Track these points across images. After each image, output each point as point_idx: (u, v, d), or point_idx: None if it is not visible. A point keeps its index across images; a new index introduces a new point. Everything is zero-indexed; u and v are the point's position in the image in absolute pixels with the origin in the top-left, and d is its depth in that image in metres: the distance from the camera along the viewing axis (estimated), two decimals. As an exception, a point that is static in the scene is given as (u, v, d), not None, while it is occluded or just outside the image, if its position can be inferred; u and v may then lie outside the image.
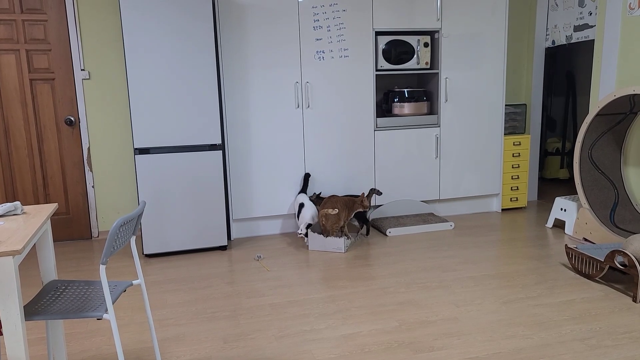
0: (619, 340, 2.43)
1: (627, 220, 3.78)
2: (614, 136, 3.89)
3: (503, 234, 4.15)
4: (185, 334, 2.63)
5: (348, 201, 3.88)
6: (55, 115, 4.15)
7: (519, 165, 4.82)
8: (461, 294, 3.01)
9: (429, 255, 3.69)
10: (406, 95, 4.43)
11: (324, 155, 4.28)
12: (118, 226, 1.78)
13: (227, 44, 3.93)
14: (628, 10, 3.77)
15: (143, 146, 3.66)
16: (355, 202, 3.91)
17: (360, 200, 3.90)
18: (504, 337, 2.49)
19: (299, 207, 4.04)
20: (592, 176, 3.88)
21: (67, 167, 4.24)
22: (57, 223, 4.30)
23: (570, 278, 3.20)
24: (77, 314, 1.81)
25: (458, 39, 4.42)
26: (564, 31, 4.67)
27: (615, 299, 2.88)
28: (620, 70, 3.89)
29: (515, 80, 5.11)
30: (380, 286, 3.16)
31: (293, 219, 4.35)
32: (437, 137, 4.52)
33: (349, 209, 3.87)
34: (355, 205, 3.91)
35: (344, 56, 4.19)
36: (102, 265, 1.76)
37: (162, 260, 3.78)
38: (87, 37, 4.12)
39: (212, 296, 3.09)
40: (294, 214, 4.29)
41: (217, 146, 3.81)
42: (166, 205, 3.76)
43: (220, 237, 3.91)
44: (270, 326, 2.68)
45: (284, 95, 4.11)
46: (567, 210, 4.12)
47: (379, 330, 2.59)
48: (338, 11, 4.11)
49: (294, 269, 3.50)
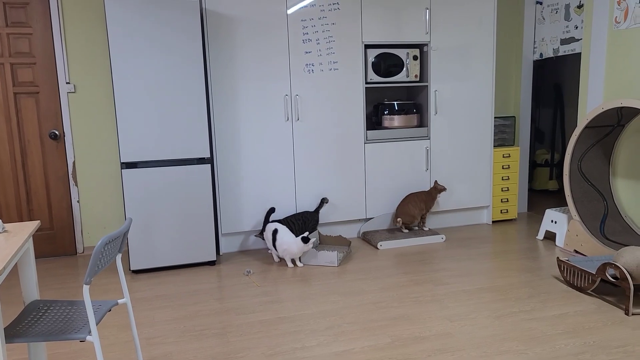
0: (612, 355, 2.40)
1: (617, 232, 3.78)
2: (603, 148, 3.90)
3: (494, 247, 4.14)
4: (172, 352, 2.56)
5: (425, 196, 4.38)
6: (39, 129, 4.08)
7: (509, 177, 4.82)
8: (454, 308, 2.98)
9: (421, 269, 3.66)
10: (396, 107, 4.42)
11: (314, 168, 4.25)
12: (102, 245, 1.72)
13: (216, 56, 3.89)
14: (614, 24, 3.81)
15: (130, 160, 3.60)
16: (431, 193, 4.38)
17: (435, 188, 4.37)
18: (498, 353, 2.45)
19: (272, 233, 3.84)
20: (581, 188, 3.89)
21: (51, 182, 4.15)
22: (41, 239, 4.20)
23: (563, 291, 3.18)
24: (59, 336, 1.75)
25: (447, 52, 4.43)
26: (551, 44, 4.71)
27: (607, 312, 2.86)
28: (607, 82, 3.92)
29: (504, 93, 5.13)
30: (372, 300, 3.12)
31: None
32: (427, 150, 4.51)
33: (426, 203, 4.36)
34: (431, 197, 4.38)
35: (334, 69, 4.18)
36: (86, 286, 1.70)
37: (149, 276, 3.70)
38: (72, 50, 4.06)
39: (200, 313, 3.03)
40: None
41: (205, 160, 3.76)
42: (154, 219, 3.69)
43: (209, 252, 3.84)
44: (260, 344, 2.62)
45: (273, 108, 4.08)
46: (558, 222, 4.11)
47: (371, 347, 2.54)
48: (327, 24, 4.10)
49: (284, 284, 3.44)
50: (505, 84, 5.12)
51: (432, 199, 4.40)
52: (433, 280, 3.44)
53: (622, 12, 3.74)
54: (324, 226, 4.41)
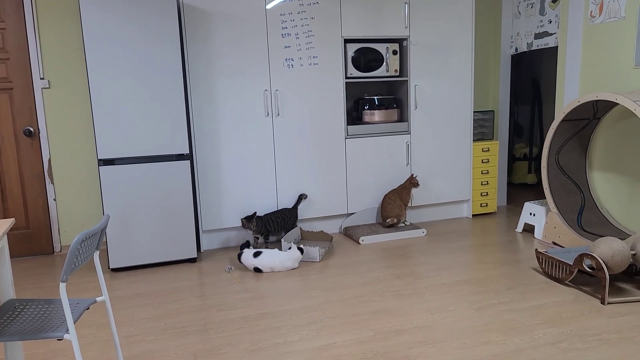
0: (589, 343, 2.45)
1: (594, 224, 3.85)
2: (579, 141, 3.97)
3: (474, 240, 4.18)
4: (153, 350, 2.53)
5: (400, 190, 4.39)
6: (13, 126, 3.99)
7: (488, 171, 4.87)
8: (435, 301, 3.00)
9: (402, 263, 3.68)
10: (376, 102, 4.43)
11: (295, 163, 4.24)
12: (79, 242, 1.69)
13: (194, 51, 3.85)
14: (589, 18, 3.87)
15: (107, 157, 3.55)
16: (405, 186, 4.39)
17: (409, 182, 4.38)
18: (478, 344, 2.48)
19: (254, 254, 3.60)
20: (559, 181, 3.95)
21: (26, 180, 4.07)
22: (17, 238, 4.12)
23: (541, 282, 3.23)
24: (36, 334, 1.72)
25: (426, 46, 4.45)
26: (525, 38, 4.76)
27: (584, 302, 2.91)
28: (583, 76, 3.98)
29: (483, 87, 5.18)
30: (353, 295, 3.12)
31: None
32: (407, 144, 4.53)
33: (401, 197, 4.37)
34: (405, 190, 4.39)
35: (313, 64, 4.16)
36: (62, 283, 1.67)
37: (128, 274, 3.66)
38: (46, 45, 3.98)
39: (181, 310, 3.00)
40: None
41: (184, 156, 3.72)
42: (133, 217, 3.65)
43: (190, 249, 3.81)
44: (242, 340, 2.61)
45: (253, 104, 4.05)
46: (536, 215, 4.17)
47: (353, 341, 2.55)
48: (306, 19, 4.09)
49: (265, 280, 3.43)
50: (484, 79, 5.17)
51: (407, 192, 4.41)
52: (414, 273, 3.46)
53: (597, 6, 3.80)
54: (306, 222, 4.41)
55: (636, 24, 3.52)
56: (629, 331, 2.55)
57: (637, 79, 3.56)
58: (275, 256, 3.59)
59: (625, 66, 3.64)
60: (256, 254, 3.58)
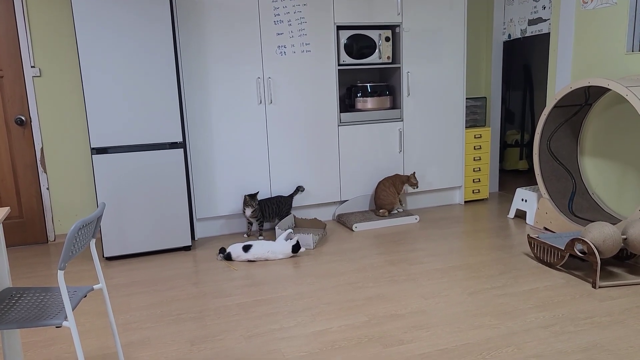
0: (581, 326, 2.49)
1: (584, 209, 3.89)
2: (571, 127, 4.00)
3: (467, 226, 4.22)
4: (150, 337, 2.55)
5: (394, 179, 4.44)
6: (4, 114, 3.95)
7: (481, 158, 4.90)
8: (428, 286, 3.04)
9: (395, 249, 3.71)
10: (369, 89, 4.43)
11: (288, 151, 4.24)
12: (76, 229, 1.69)
13: (186, 39, 3.83)
14: (582, 4, 3.88)
15: (100, 145, 3.53)
16: (401, 178, 4.44)
17: (407, 177, 4.45)
18: (471, 328, 2.51)
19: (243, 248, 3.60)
20: (550, 167, 3.98)
21: (19, 169, 4.05)
22: (10, 227, 4.10)
23: (533, 267, 3.28)
24: (34, 322, 1.72)
25: (419, 33, 4.45)
26: (519, 25, 4.77)
27: (576, 286, 2.96)
28: (575, 62, 4.00)
29: (475, 74, 5.19)
30: (348, 281, 3.15)
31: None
32: (400, 131, 4.54)
33: (394, 185, 4.41)
34: (399, 180, 4.44)
35: (306, 51, 4.15)
36: (60, 271, 1.68)
37: (123, 262, 3.66)
38: (37, 32, 3.94)
39: (177, 298, 3.01)
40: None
41: (178, 144, 3.71)
42: (127, 206, 3.64)
43: (184, 237, 3.82)
44: (238, 326, 2.63)
45: (246, 92, 4.04)
46: (528, 201, 4.21)
47: (348, 326, 2.58)
48: (299, 5, 4.06)
49: (260, 267, 3.45)
50: (476, 65, 5.18)
51: (401, 183, 4.45)
52: (407, 260, 3.49)
53: (589, -7, 3.81)
54: (300, 209, 4.42)
55: (628, 10, 3.54)
56: (620, 314, 2.60)
57: (629, 65, 3.59)
58: (264, 246, 3.59)
59: (617, 52, 3.66)
60: (246, 248, 3.58)
